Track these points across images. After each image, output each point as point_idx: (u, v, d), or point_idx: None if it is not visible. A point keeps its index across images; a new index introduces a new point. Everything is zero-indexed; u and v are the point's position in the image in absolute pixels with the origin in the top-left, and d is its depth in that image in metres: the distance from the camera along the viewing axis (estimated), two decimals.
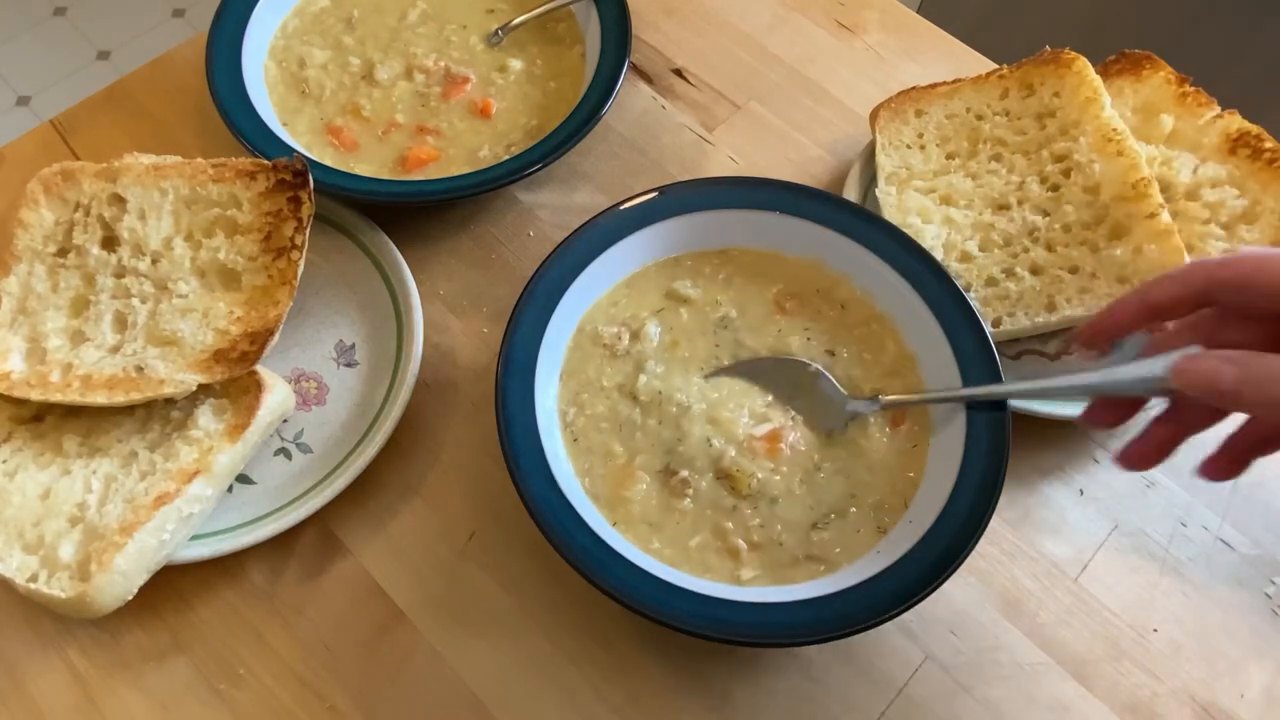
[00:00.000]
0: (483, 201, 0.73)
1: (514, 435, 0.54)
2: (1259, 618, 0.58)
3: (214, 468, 0.54)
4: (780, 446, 0.57)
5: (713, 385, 0.59)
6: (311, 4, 0.79)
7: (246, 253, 0.60)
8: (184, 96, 0.78)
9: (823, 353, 0.60)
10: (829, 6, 0.85)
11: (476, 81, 0.75)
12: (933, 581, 0.49)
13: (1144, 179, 0.62)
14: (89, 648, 0.56)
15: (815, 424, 0.58)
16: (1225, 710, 0.55)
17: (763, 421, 0.57)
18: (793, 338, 0.61)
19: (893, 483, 0.56)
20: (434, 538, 0.59)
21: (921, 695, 0.55)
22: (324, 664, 0.55)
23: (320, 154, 0.71)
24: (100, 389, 0.55)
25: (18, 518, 0.53)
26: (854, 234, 0.61)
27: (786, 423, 0.57)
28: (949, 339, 0.57)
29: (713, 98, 0.79)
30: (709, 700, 0.54)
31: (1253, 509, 0.61)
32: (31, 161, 0.73)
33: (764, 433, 0.57)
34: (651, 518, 0.55)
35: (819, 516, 0.55)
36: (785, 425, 0.57)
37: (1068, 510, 0.61)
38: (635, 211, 0.62)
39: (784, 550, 0.54)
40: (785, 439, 0.57)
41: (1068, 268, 0.62)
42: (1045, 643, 0.56)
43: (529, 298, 0.58)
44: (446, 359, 0.66)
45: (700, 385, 0.59)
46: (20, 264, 0.61)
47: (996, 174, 0.66)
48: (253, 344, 0.56)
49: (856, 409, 0.57)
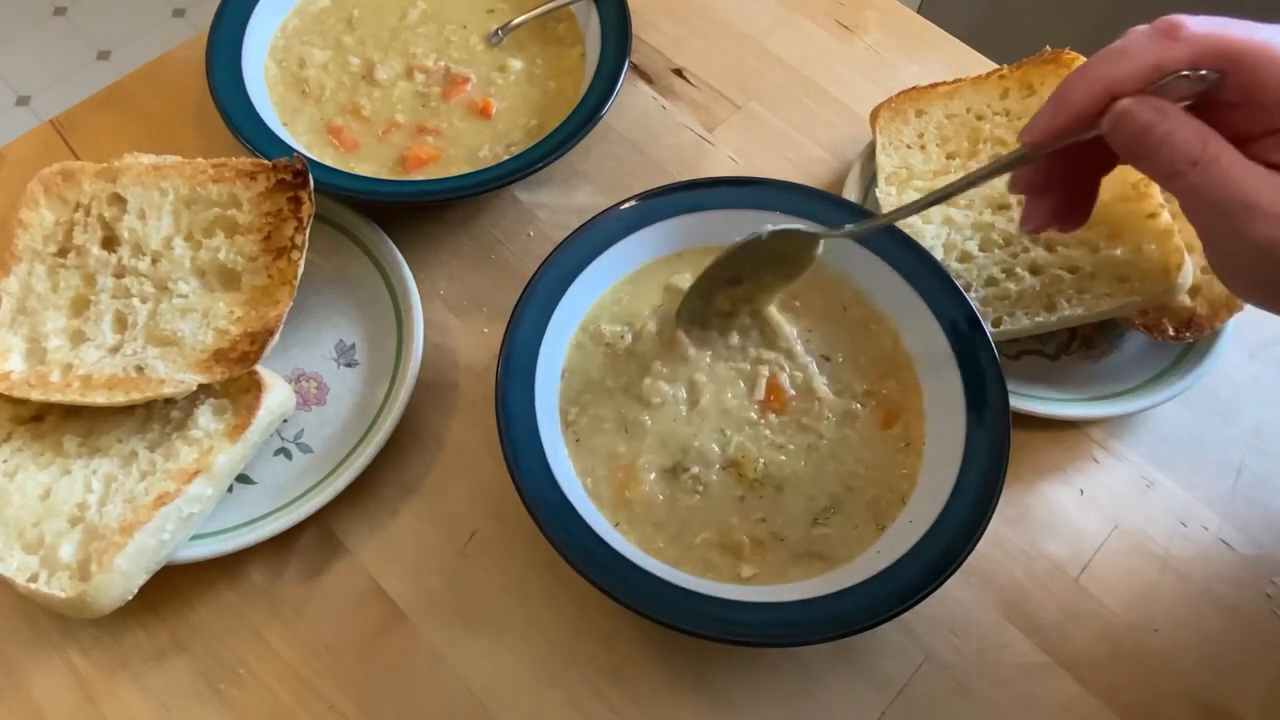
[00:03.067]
0: (483, 201, 0.73)
1: (514, 435, 0.54)
2: (1259, 618, 0.58)
3: (214, 468, 0.54)
4: (785, 397, 0.58)
5: (707, 370, 0.59)
6: (311, 4, 0.79)
7: (246, 253, 0.60)
8: (184, 96, 0.78)
9: (821, 354, 0.60)
10: (829, 6, 0.85)
11: (476, 81, 0.75)
12: (933, 581, 0.49)
13: (1144, 179, 0.62)
14: (89, 648, 0.56)
15: (793, 275, 0.58)
16: (1226, 711, 0.55)
17: (754, 380, 0.58)
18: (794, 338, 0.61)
19: (888, 479, 0.56)
20: (434, 538, 0.59)
21: (921, 695, 0.55)
22: (324, 664, 0.55)
23: (320, 154, 0.71)
24: (100, 389, 0.55)
25: (18, 518, 0.53)
26: (854, 234, 0.61)
27: (774, 369, 0.59)
28: (949, 339, 0.57)
29: (713, 98, 0.79)
30: (709, 700, 0.54)
31: (1253, 509, 0.61)
32: (31, 161, 0.73)
33: (763, 392, 0.58)
34: (656, 517, 0.55)
35: (819, 510, 0.55)
36: (775, 372, 0.58)
37: (1068, 510, 0.61)
38: (635, 211, 0.62)
39: (785, 546, 0.54)
40: (783, 384, 0.58)
41: (1067, 268, 0.62)
42: (1045, 643, 0.56)
43: (529, 298, 0.58)
44: (446, 359, 0.66)
45: (705, 372, 0.59)
46: (20, 264, 0.61)
47: None
48: (253, 344, 0.56)
49: (829, 236, 0.57)
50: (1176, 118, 0.42)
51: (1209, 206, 0.43)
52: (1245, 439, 0.63)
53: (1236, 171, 0.41)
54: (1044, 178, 0.51)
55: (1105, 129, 0.44)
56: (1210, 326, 0.61)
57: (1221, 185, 0.41)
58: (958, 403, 0.56)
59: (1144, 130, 0.43)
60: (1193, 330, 0.61)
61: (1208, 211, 0.43)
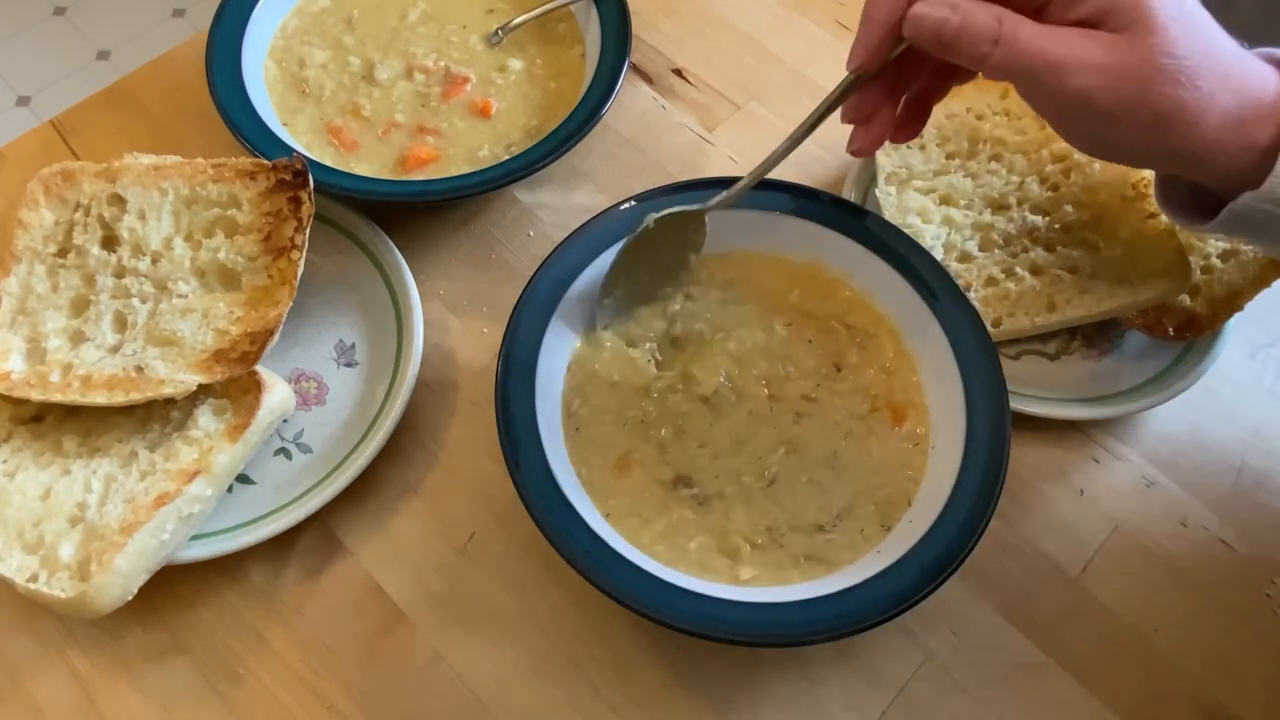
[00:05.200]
0: (483, 201, 0.73)
1: (514, 435, 0.54)
2: (1259, 618, 0.58)
3: (214, 468, 0.54)
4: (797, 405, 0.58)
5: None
6: (311, 4, 0.79)
7: (246, 253, 0.60)
8: (184, 96, 0.78)
9: (828, 360, 0.60)
10: (829, 6, 0.84)
11: (476, 81, 0.75)
12: (933, 581, 0.49)
13: (1144, 179, 0.62)
14: (89, 648, 0.56)
15: (699, 246, 0.60)
16: (1226, 711, 0.55)
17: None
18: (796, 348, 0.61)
19: (897, 480, 0.56)
20: (434, 538, 0.59)
21: (921, 695, 0.55)
22: (324, 664, 0.55)
23: (320, 154, 0.71)
24: (100, 389, 0.55)
25: (18, 518, 0.53)
26: (854, 234, 0.61)
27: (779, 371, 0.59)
28: (949, 339, 0.57)
29: (713, 98, 0.79)
30: (709, 700, 0.54)
31: (1253, 509, 0.61)
32: (31, 161, 0.73)
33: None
34: (643, 511, 0.55)
35: (828, 520, 0.55)
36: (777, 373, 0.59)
37: (1068, 510, 0.61)
38: (635, 211, 0.61)
39: (784, 552, 0.54)
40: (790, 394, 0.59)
41: (1068, 268, 0.62)
42: (1045, 643, 0.56)
43: (529, 297, 0.58)
44: (446, 359, 0.66)
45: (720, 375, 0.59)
46: (20, 264, 0.61)
47: (996, 174, 0.66)
48: (253, 344, 0.56)
49: (712, 207, 0.58)
50: (967, 6, 0.45)
51: (1023, 79, 0.46)
52: (1245, 439, 0.63)
53: (1036, 39, 0.44)
54: (868, 105, 0.53)
55: (907, 35, 0.47)
56: (1210, 326, 0.61)
57: (1026, 55, 0.44)
58: (958, 402, 0.56)
59: (939, 26, 0.45)
60: (1193, 330, 0.61)
61: (1024, 85, 0.47)
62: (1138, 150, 0.47)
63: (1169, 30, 0.43)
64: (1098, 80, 0.44)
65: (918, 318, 0.59)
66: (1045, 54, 0.44)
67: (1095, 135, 0.48)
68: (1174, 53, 0.43)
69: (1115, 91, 0.44)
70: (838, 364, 0.60)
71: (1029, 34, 0.44)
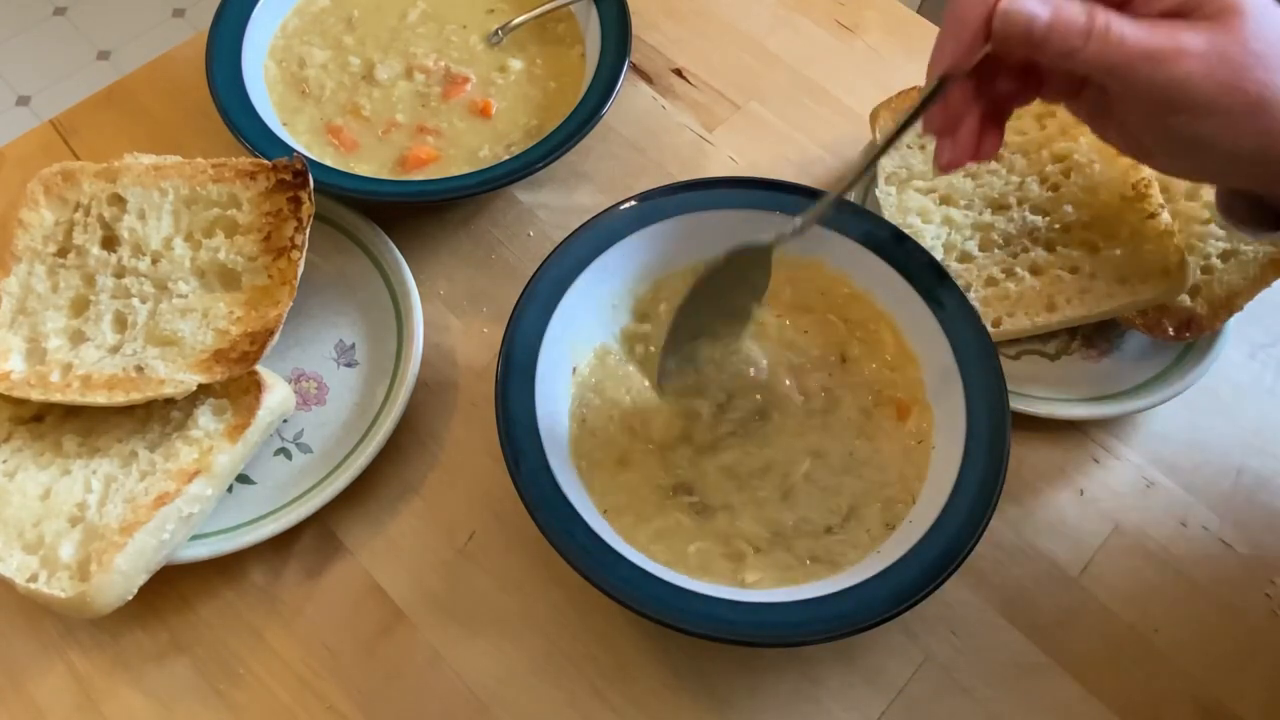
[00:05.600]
0: (483, 201, 0.73)
1: (514, 435, 0.54)
2: (1259, 618, 0.58)
3: (214, 468, 0.54)
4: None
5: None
6: (311, 4, 0.79)
7: (246, 253, 0.60)
8: (184, 96, 0.78)
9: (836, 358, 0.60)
10: (829, 6, 0.85)
11: (476, 81, 0.75)
12: (933, 581, 0.49)
13: (1144, 179, 0.62)
14: (89, 648, 0.56)
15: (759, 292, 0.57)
16: (1226, 711, 0.55)
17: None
18: (795, 336, 0.61)
19: (902, 479, 0.56)
20: (434, 538, 0.59)
21: (921, 695, 0.55)
22: (324, 664, 0.55)
23: (320, 154, 0.71)
24: (100, 389, 0.55)
25: (18, 518, 0.53)
26: (854, 234, 0.61)
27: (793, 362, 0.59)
28: (949, 339, 0.57)
29: (713, 98, 0.79)
30: (709, 700, 0.54)
31: (1253, 509, 0.61)
32: (31, 161, 0.73)
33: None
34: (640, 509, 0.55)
35: (836, 521, 0.55)
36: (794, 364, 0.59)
37: (1068, 510, 0.61)
38: (635, 211, 0.61)
39: (791, 554, 0.54)
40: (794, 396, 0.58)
41: (1068, 268, 0.62)
42: (1045, 643, 0.56)
43: (529, 298, 0.58)
44: (446, 359, 0.66)
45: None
46: (20, 264, 0.61)
47: (996, 174, 0.66)
48: (253, 344, 0.56)
49: (781, 235, 0.55)
50: (1057, 1, 0.44)
51: (1117, 73, 0.44)
52: (1245, 439, 0.63)
53: (1127, 31, 0.43)
54: (952, 113, 0.51)
55: (997, 32, 0.45)
56: (1210, 326, 0.61)
57: (1118, 48, 0.43)
58: (958, 402, 0.56)
59: (1030, 22, 0.44)
60: (1193, 330, 0.61)
61: (1117, 80, 0.45)
62: (1229, 148, 0.45)
63: (1258, 19, 0.43)
64: (1196, 66, 0.43)
65: (918, 316, 0.59)
66: (1141, 45, 0.43)
67: (1187, 134, 0.45)
68: (1266, 39, 0.43)
69: (1212, 78, 0.43)
70: (843, 354, 0.60)
71: (1119, 26, 0.43)
